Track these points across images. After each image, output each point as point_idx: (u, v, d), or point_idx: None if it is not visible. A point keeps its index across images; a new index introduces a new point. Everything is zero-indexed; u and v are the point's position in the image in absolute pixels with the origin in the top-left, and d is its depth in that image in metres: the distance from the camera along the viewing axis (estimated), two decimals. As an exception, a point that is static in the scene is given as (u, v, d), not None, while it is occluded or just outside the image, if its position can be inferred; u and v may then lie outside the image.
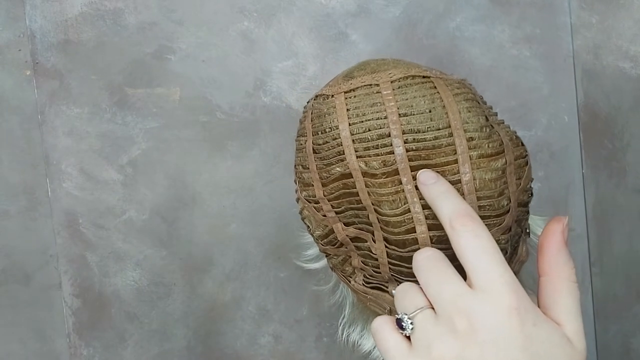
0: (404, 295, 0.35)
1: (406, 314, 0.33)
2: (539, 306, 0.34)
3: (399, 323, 0.33)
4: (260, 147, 0.71)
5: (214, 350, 0.72)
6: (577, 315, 0.33)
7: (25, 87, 0.69)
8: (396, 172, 0.37)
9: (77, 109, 0.70)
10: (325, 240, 0.42)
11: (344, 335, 0.46)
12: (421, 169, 0.37)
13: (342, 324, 0.46)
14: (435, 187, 0.36)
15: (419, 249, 0.37)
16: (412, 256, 0.37)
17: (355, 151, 0.38)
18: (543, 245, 0.36)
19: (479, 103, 0.40)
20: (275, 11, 0.70)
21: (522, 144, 0.41)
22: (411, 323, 0.33)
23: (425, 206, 0.37)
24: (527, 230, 0.43)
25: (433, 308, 0.33)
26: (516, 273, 0.41)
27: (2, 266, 0.70)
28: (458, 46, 0.72)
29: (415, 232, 0.37)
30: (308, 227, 0.43)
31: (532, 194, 0.42)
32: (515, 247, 0.41)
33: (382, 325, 0.34)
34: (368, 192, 0.38)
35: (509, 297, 0.31)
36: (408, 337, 0.33)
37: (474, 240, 0.33)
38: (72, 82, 0.69)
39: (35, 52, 0.69)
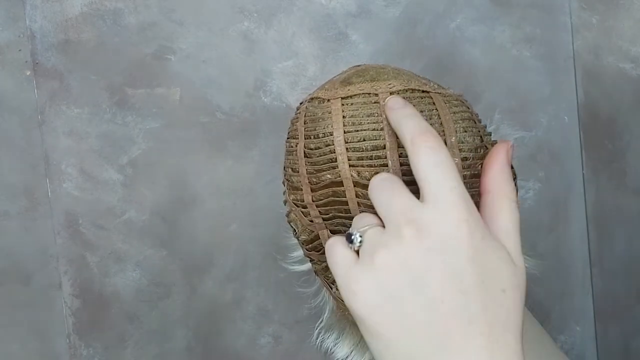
0: (359, 218, 0.35)
1: (356, 229, 0.34)
2: None
3: (349, 238, 0.34)
4: (260, 147, 0.71)
5: (214, 351, 0.72)
6: (516, 234, 0.33)
7: (25, 87, 0.69)
8: None
9: (77, 109, 0.70)
10: (310, 245, 0.41)
11: (318, 340, 0.46)
12: (413, 184, 0.37)
13: (318, 328, 0.46)
14: (401, 111, 0.35)
15: None
16: None
17: (348, 160, 0.37)
18: (487, 164, 0.36)
19: (475, 122, 0.39)
20: (275, 11, 0.70)
21: (511, 166, 0.41)
22: (360, 236, 0.33)
23: None
24: None
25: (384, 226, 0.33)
26: None
27: (2, 266, 0.70)
28: (458, 46, 0.72)
29: None
30: (294, 230, 0.43)
31: None
32: None
33: (334, 241, 0.35)
34: (358, 202, 0.37)
35: (459, 208, 0.31)
36: (357, 252, 0.33)
37: (431, 154, 0.32)
38: (72, 82, 0.69)
39: (35, 52, 0.69)
